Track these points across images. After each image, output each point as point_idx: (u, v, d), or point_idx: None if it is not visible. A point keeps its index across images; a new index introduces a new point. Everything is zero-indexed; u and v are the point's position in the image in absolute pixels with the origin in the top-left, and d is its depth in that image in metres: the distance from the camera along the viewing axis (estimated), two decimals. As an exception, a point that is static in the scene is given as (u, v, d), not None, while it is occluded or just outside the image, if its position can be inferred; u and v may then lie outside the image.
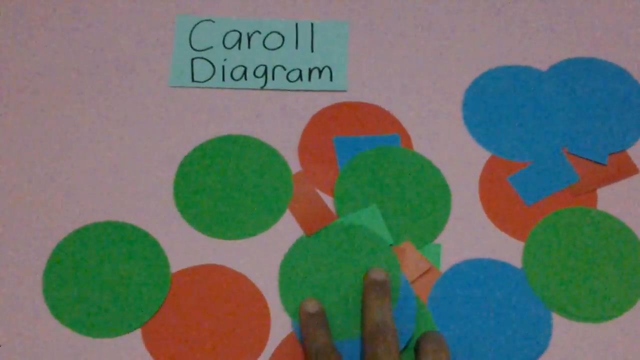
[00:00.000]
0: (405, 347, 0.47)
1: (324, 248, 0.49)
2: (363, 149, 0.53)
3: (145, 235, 0.50)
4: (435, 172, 0.52)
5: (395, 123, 0.54)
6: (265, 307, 0.48)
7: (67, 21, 0.58)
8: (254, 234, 0.50)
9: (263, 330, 0.48)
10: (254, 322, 0.48)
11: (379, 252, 0.49)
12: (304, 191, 0.51)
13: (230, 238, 0.50)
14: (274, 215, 0.51)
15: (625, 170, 0.53)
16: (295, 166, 0.53)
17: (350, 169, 0.52)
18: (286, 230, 0.50)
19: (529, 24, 0.58)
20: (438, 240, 0.50)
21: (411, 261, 0.49)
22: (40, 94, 0.55)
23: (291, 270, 0.49)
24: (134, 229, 0.50)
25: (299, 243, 0.50)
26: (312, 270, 0.49)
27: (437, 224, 0.51)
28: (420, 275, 0.49)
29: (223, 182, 0.52)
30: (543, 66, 0.56)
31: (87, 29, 0.57)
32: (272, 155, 0.53)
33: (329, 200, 0.51)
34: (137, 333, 0.47)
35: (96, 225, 0.50)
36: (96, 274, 0.49)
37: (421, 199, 0.51)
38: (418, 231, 0.50)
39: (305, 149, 0.53)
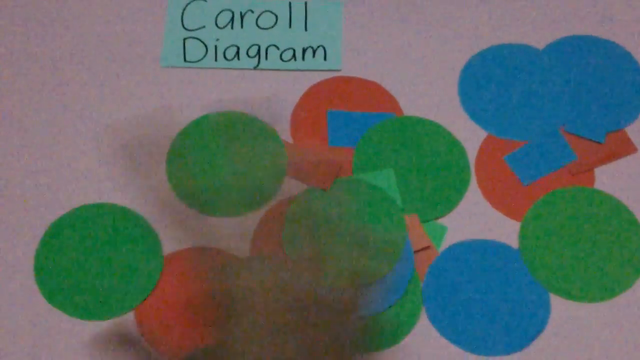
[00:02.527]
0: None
1: (334, 197, 0.50)
2: (357, 124, 0.52)
3: (138, 217, 0.50)
4: (462, 152, 0.52)
5: (391, 101, 0.53)
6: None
7: (58, 1, 0.57)
8: (246, 212, 0.50)
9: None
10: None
11: (390, 212, 0.49)
12: (304, 149, 0.51)
13: (223, 215, 0.50)
14: (267, 194, 0.50)
15: (623, 148, 0.52)
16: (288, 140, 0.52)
17: (376, 132, 0.52)
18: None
19: (525, 2, 0.57)
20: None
21: (412, 235, 0.49)
22: (31, 74, 0.54)
23: (298, 212, 0.49)
24: (127, 211, 0.50)
25: (311, 190, 0.50)
26: (318, 214, 0.49)
27: (450, 202, 0.50)
28: (416, 252, 0.49)
29: (216, 160, 0.51)
30: (540, 44, 0.56)
31: (79, 9, 0.57)
32: (264, 130, 0.52)
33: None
34: (130, 316, 0.47)
35: (88, 207, 0.50)
36: (89, 256, 0.48)
37: (439, 175, 0.51)
38: (427, 206, 0.50)
39: (297, 122, 0.53)
